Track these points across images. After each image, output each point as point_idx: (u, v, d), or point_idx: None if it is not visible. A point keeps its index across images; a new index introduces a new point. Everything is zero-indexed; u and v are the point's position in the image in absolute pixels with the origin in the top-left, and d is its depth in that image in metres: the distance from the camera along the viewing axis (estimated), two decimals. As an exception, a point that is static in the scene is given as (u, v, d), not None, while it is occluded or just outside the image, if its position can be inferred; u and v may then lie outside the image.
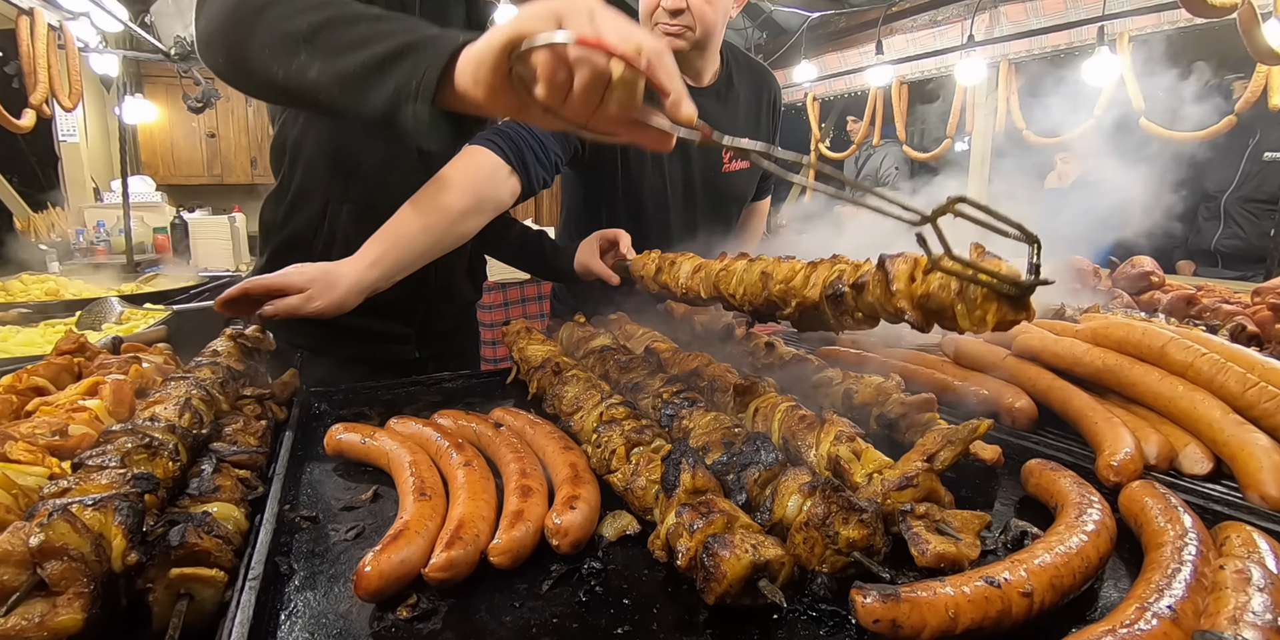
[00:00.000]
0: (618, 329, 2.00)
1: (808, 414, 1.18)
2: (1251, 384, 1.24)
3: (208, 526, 1.00)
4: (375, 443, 1.35)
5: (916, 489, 0.94)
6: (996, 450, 1.21)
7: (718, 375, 1.46)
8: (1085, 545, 0.87)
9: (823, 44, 6.09)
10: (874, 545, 0.88)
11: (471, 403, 1.76)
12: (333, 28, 1.06)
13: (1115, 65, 3.84)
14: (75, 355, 1.71)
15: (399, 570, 0.92)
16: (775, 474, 1.01)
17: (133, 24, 4.15)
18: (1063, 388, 1.39)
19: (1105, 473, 1.13)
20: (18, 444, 1.10)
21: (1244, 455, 1.14)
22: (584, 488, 1.09)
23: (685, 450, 1.01)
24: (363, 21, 1.07)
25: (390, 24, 1.06)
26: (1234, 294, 2.85)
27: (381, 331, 2.00)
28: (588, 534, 1.02)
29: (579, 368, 1.55)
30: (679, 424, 1.24)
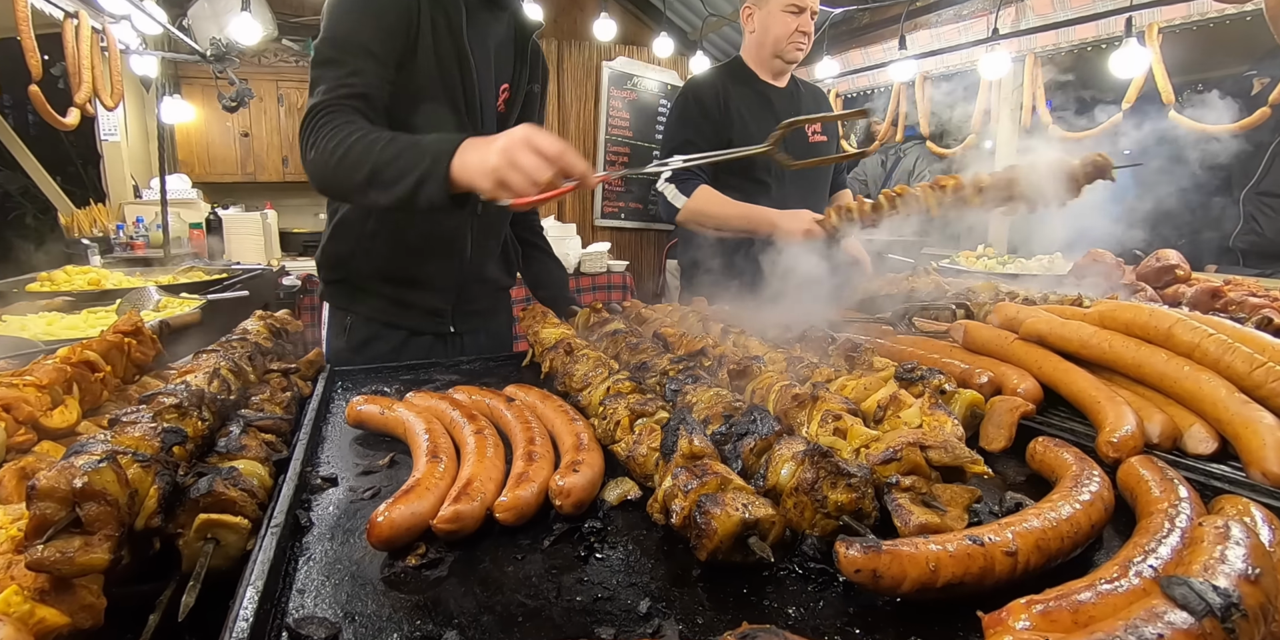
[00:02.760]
0: (632, 315, 2.04)
1: (801, 392, 1.20)
2: (1258, 364, 1.24)
3: (234, 479, 1.07)
4: (393, 413, 1.41)
5: (901, 463, 0.96)
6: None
7: (722, 355, 1.49)
8: (1077, 513, 0.88)
9: (846, 40, 6.06)
10: (863, 509, 0.91)
11: (488, 382, 1.81)
12: (375, 176, 1.63)
13: (1144, 57, 3.78)
14: (130, 337, 1.79)
15: (409, 521, 0.97)
16: (771, 443, 1.04)
17: (171, 27, 4.31)
18: (1068, 370, 1.40)
19: (1105, 449, 1.14)
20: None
21: (1248, 432, 1.14)
22: (588, 454, 1.13)
23: (684, 418, 1.05)
24: (391, 164, 1.61)
25: (407, 156, 1.60)
26: (1264, 289, 2.79)
27: (420, 304, 2.15)
28: (590, 496, 1.06)
29: (590, 348, 1.59)
30: (683, 399, 1.28)
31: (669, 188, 2.77)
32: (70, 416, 1.39)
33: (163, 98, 4.84)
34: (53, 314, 2.88)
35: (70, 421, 1.38)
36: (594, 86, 6.71)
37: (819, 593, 0.84)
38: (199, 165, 6.45)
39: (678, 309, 2.06)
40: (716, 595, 0.84)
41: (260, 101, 6.39)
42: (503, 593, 0.87)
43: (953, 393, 1.31)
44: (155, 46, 5.44)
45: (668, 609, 0.81)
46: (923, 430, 1.04)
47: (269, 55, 6.64)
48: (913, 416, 1.12)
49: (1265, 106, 3.47)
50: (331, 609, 0.86)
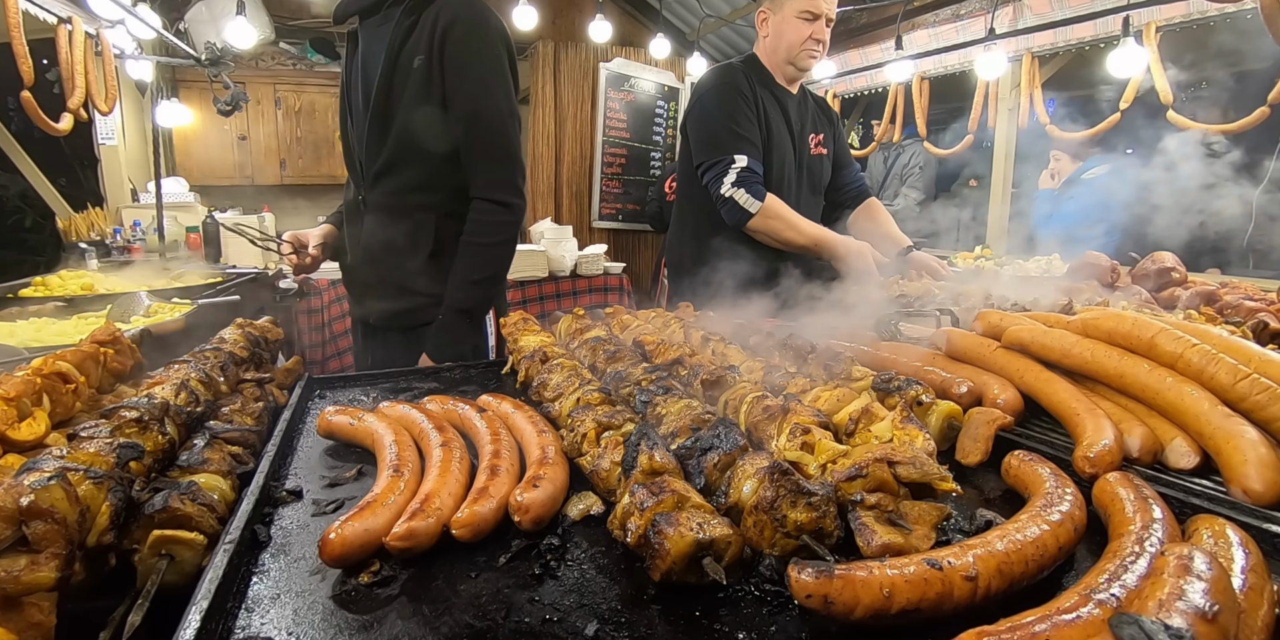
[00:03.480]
0: (614, 321, 2.02)
1: (772, 404, 1.18)
2: (1243, 376, 1.20)
3: (192, 494, 1.06)
4: (362, 424, 1.40)
5: (867, 479, 0.93)
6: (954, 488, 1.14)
7: (699, 364, 1.47)
8: (1044, 534, 0.86)
9: (844, 41, 6.03)
10: (824, 529, 0.89)
11: (466, 391, 1.80)
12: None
13: (1141, 57, 3.73)
14: (107, 346, 1.78)
15: (362, 539, 0.96)
16: (735, 458, 1.02)
17: (165, 31, 4.31)
18: (1049, 380, 1.37)
19: (1081, 464, 1.11)
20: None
21: (1229, 448, 1.11)
22: (550, 468, 1.11)
23: (645, 433, 1.03)
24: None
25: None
26: (1261, 292, 2.75)
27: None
28: (550, 512, 1.04)
29: (565, 357, 1.57)
30: (653, 410, 1.25)
31: (738, 192, 2.63)
32: (39, 429, 1.37)
33: (158, 102, 4.84)
34: (42, 320, 2.88)
35: (39, 434, 1.36)
36: (591, 88, 6.70)
37: (773, 616, 0.82)
38: (197, 169, 6.47)
39: (660, 315, 2.04)
40: (669, 617, 0.82)
41: (258, 105, 6.41)
42: (451, 613, 0.85)
43: (930, 404, 1.28)
44: (152, 51, 5.46)
45: (615, 632, 0.79)
46: (892, 445, 1.02)
47: (266, 58, 6.66)
48: (884, 430, 1.10)
49: (1264, 106, 3.43)
50: (277, 628, 0.84)
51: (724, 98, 2.71)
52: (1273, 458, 1.07)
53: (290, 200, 6.65)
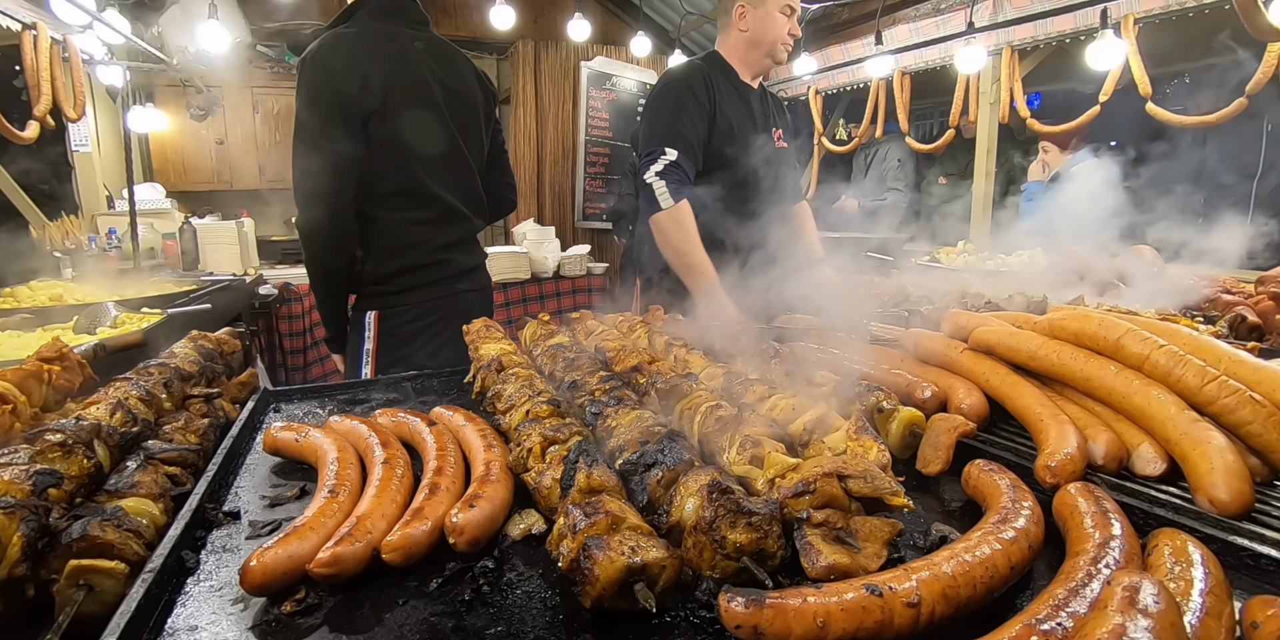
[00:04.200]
0: (579, 326, 1.97)
1: (725, 414, 1.14)
2: (1211, 378, 1.16)
3: (117, 520, 1.02)
4: (307, 440, 1.35)
5: (815, 496, 0.89)
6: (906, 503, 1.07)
7: (657, 372, 1.42)
8: (995, 554, 0.81)
9: (825, 37, 5.98)
10: (766, 549, 0.85)
11: (426, 401, 1.75)
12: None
13: (1120, 49, 3.70)
14: (53, 363, 1.72)
15: (285, 566, 0.91)
16: (679, 474, 0.97)
17: (135, 36, 4.24)
18: (1014, 383, 1.33)
19: (1042, 474, 1.07)
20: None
21: (1195, 455, 1.07)
22: (491, 486, 1.07)
23: (584, 449, 0.98)
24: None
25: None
26: (1240, 285, 2.73)
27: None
28: (486, 533, 1.00)
29: (521, 366, 1.52)
30: (603, 422, 1.21)
31: (659, 183, 2.60)
32: (-31, 451, 1.32)
33: (128, 107, 4.77)
34: (5, 333, 2.81)
35: (-31, 456, 1.31)
36: (572, 87, 6.64)
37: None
38: (174, 174, 6.38)
39: (628, 319, 2.00)
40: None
41: (235, 108, 6.33)
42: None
43: (891, 411, 1.24)
44: (128, 56, 5.38)
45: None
46: (844, 457, 0.97)
47: (243, 62, 6.57)
48: (838, 441, 1.06)
49: (1242, 98, 3.40)
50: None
51: (676, 95, 2.72)
52: (1240, 466, 1.03)
53: (270, 204, 6.58)
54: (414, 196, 2.39)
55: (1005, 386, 1.33)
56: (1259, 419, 1.09)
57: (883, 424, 1.24)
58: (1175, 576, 0.77)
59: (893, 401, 1.25)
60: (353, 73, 2.22)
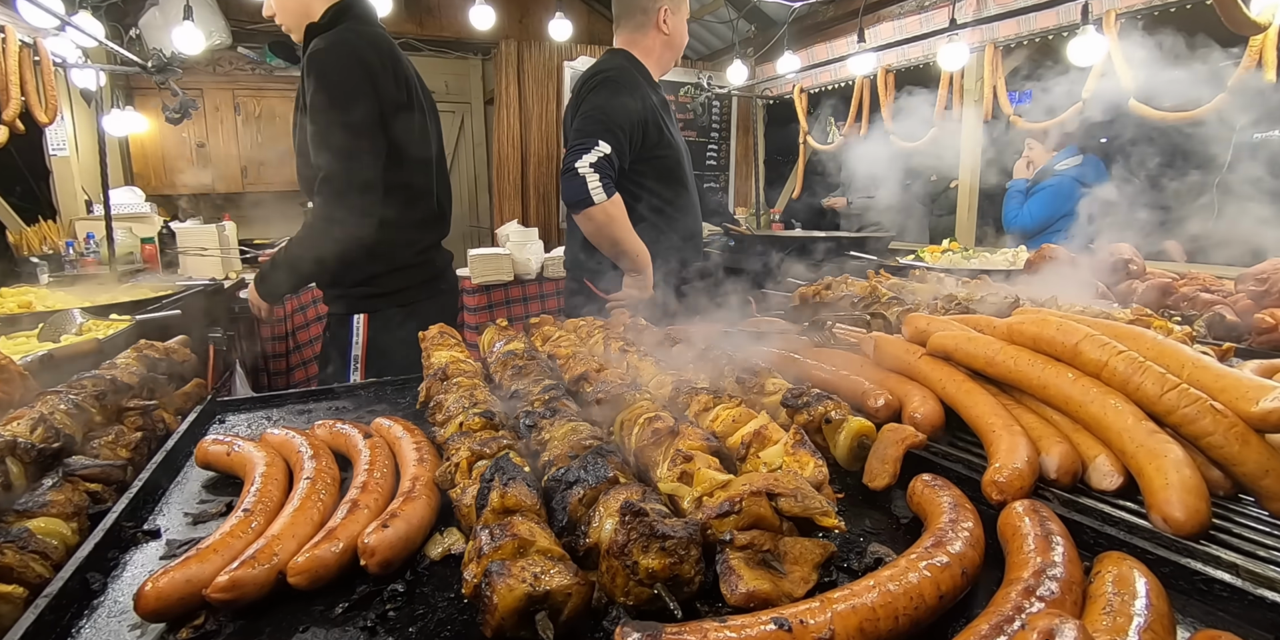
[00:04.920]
0: (537, 332, 1.93)
1: (661, 426, 1.09)
2: (1171, 386, 1.10)
3: (20, 542, 0.98)
4: (238, 453, 1.30)
5: (741, 516, 0.84)
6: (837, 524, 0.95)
7: (604, 381, 1.37)
8: (923, 582, 0.76)
9: (811, 35, 5.94)
10: (681, 576, 0.80)
11: (376, 411, 1.70)
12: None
13: (1102, 45, 3.65)
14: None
15: (183, 591, 0.87)
16: (600, 492, 0.92)
17: (109, 40, 4.18)
18: (969, 391, 1.28)
19: (989, 490, 1.02)
20: None
21: (1151, 469, 1.01)
22: (411, 504, 1.02)
23: (500, 466, 0.93)
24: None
25: None
26: (1219, 283, 2.68)
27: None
28: (400, 554, 0.95)
29: (465, 375, 1.48)
30: (537, 435, 1.16)
31: (594, 177, 2.60)
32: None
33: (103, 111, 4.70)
34: (-33, 341, 2.76)
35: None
36: (556, 87, 6.58)
37: (613, 678, 0.73)
38: (155, 177, 6.32)
39: (588, 324, 1.95)
40: (498, 682, 0.73)
41: (217, 111, 6.27)
42: (259, 680, 0.75)
43: (840, 421, 1.19)
44: (105, 59, 5.32)
45: (428, 704, 0.70)
46: (777, 474, 0.93)
47: (224, 63, 6.51)
48: (774, 456, 1.01)
49: (1224, 93, 3.36)
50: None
51: (613, 87, 2.76)
52: (1197, 482, 0.98)
53: (253, 208, 6.52)
54: (409, 196, 2.38)
55: (961, 394, 1.28)
56: (1220, 430, 1.03)
57: (831, 435, 1.19)
58: (1114, 609, 0.72)
59: (842, 411, 1.21)
60: (385, 66, 2.23)
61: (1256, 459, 1.01)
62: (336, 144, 2.13)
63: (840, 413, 1.20)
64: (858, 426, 1.17)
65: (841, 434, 1.17)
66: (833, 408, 1.20)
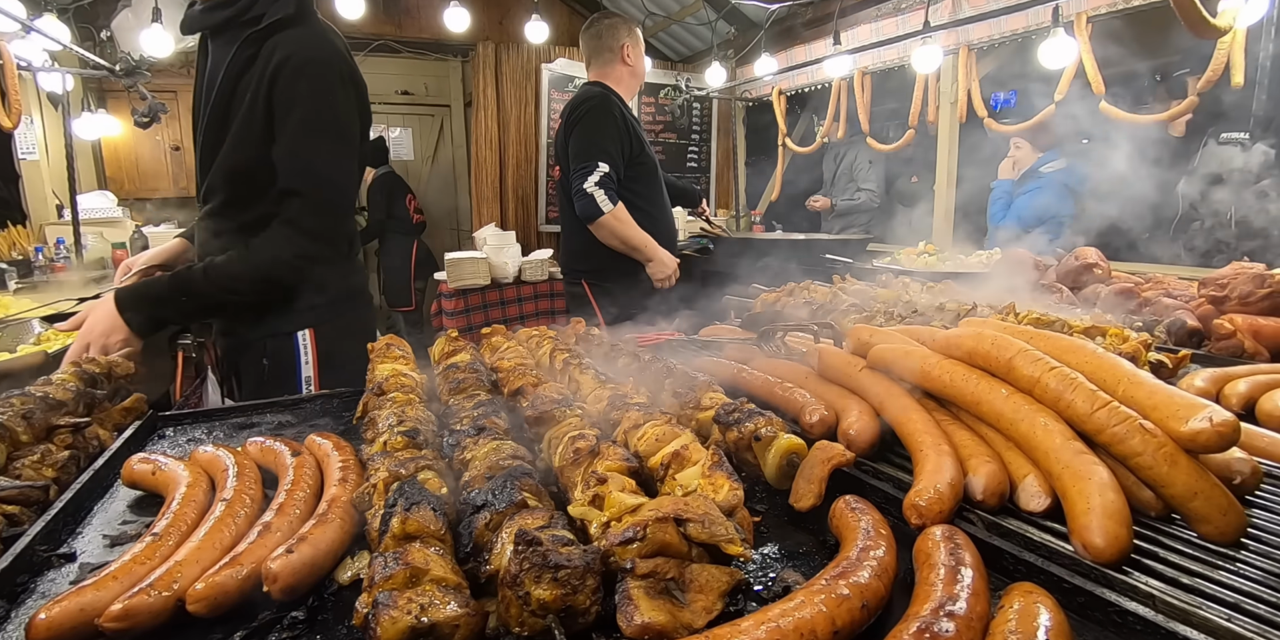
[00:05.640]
0: (486, 343, 1.91)
1: (583, 446, 1.07)
2: (1101, 404, 1.07)
3: None
4: (164, 472, 1.27)
5: (645, 543, 0.82)
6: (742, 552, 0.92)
7: (540, 396, 1.35)
8: (816, 617, 0.73)
9: (789, 38, 5.93)
10: (575, 606, 0.78)
11: (317, 426, 1.68)
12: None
13: (1072, 48, 3.66)
14: None
15: (76, 619, 0.85)
16: (506, 517, 0.91)
17: (73, 44, 4.12)
18: (904, 407, 1.26)
19: (908, 513, 1.00)
20: None
21: (1074, 492, 0.98)
22: (321, 528, 1.00)
23: (404, 490, 0.91)
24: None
25: None
26: (1183, 284, 2.68)
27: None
28: (304, 579, 0.93)
29: (404, 389, 1.45)
30: (460, 455, 1.14)
31: (599, 191, 3.23)
32: None
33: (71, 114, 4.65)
34: (-80, 352, 2.71)
35: None
36: (534, 90, 6.55)
37: (497, 715, 0.71)
38: (129, 181, 6.25)
39: (540, 334, 1.93)
40: (380, 720, 0.71)
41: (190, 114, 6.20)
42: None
43: (770, 438, 1.17)
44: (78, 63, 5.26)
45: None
46: (688, 498, 0.91)
47: (200, 66, 6.45)
48: (691, 477, 0.99)
49: (1193, 97, 3.37)
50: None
51: (601, 115, 3.32)
52: (1120, 506, 0.94)
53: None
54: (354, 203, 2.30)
55: (896, 410, 1.27)
56: (1149, 450, 1.00)
57: (761, 452, 1.18)
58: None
59: (774, 428, 1.19)
60: (356, 69, 2.08)
61: (1185, 480, 0.98)
62: (326, 161, 1.97)
63: (772, 430, 1.18)
64: (787, 444, 1.16)
65: (771, 452, 1.16)
66: (764, 425, 1.19)
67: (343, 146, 2.01)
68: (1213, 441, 0.95)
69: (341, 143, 2.01)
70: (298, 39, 1.93)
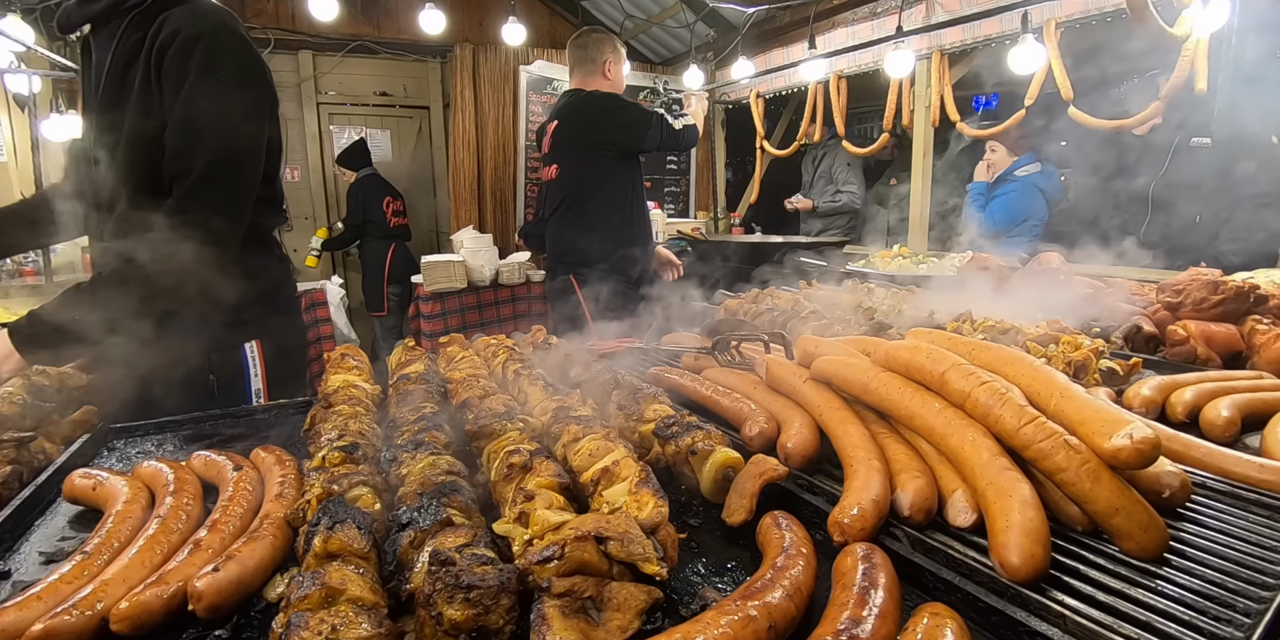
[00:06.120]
0: (443, 352, 1.91)
1: (517, 461, 1.08)
2: (1029, 419, 1.07)
3: None
4: (104, 487, 1.27)
5: (563, 562, 0.83)
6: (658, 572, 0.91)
7: (484, 409, 1.36)
8: (719, 638, 0.75)
9: (768, 40, 5.95)
10: (488, 626, 0.79)
11: (267, 438, 1.67)
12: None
13: (1040, 54, 3.70)
14: None
15: (-4, 641, 0.84)
16: (429, 535, 0.91)
17: (37, 44, 4.08)
18: (842, 420, 1.28)
19: (832, 530, 1.00)
20: None
21: (995, 509, 0.98)
22: (251, 545, 1.00)
23: (328, 508, 0.92)
24: None
25: None
26: (1142, 288, 2.72)
27: None
28: (231, 597, 0.93)
29: (350, 402, 1.46)
30: (396, 470, 1.15)
31: (679, 122, 3.67)
32: None
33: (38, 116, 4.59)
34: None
35: None
36: (512, 92, 6.54)
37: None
38: (103, 183, 6.17)
39: (498, 343, 1.93)
40: (286, 743, 0.72)
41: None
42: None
43: (706, 452, 1.19)
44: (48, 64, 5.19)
45: None
46: (610, 516, 0.92)
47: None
48: (618, 494, 1.00)
49: (1157, 101, 3.42)
50: None
51: (619, 99, 3.71)
52: (1038, 525, 0.94)
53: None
54: (274, 201, 2.12)
55: (834, 422, 1.28)
56: (1073, 466, 0.99)
57: (697, 466, 1.19)
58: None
59: (711, 441, 1.20)
60: (255, 48, 1.95)
61: (1107, 497, 0.98)
62: (229, 137, 1.84)
63: (709, 443, 1.20)
64: (722, 459, 1.17)
65: (706, 466, 1.17)
66: (701, 438, 1.20)
67: (241, 122, 1.88)
68: (1133, 458, 0.96)
69: (240, 118, 1.88)
70: (186, 13, 1.83)
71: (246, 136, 1.90)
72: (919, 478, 1.12)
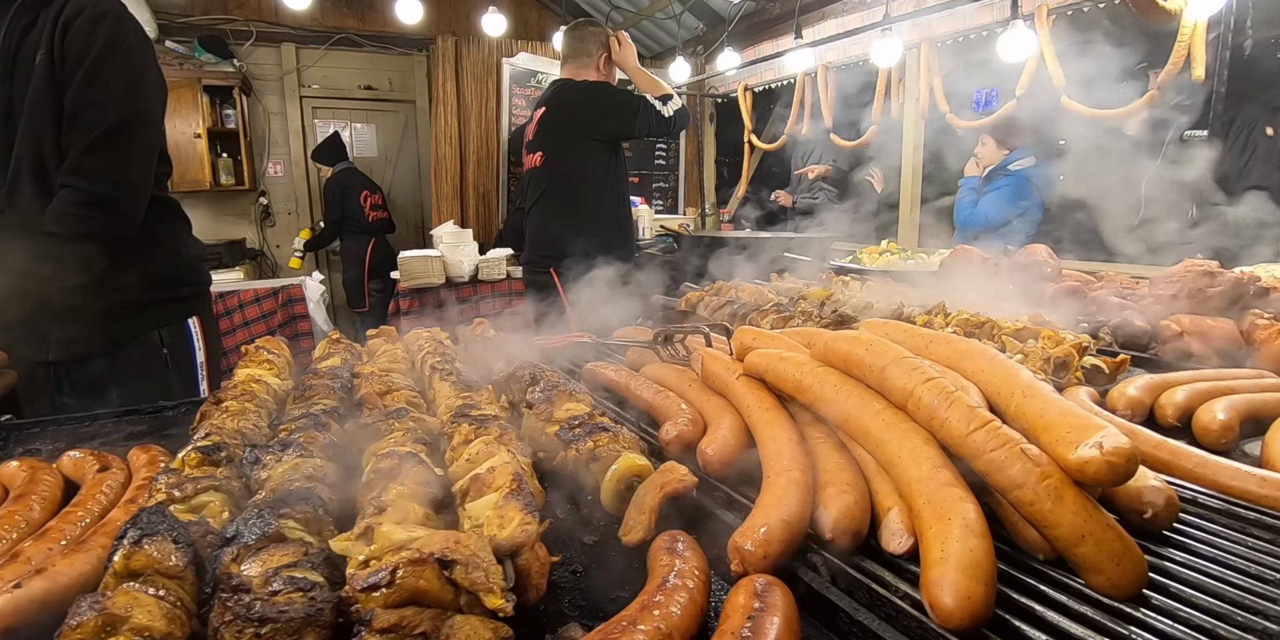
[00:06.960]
0: (368, 346, 1.78)
1: (387, 466, 0.95)
2: (980, 424, 0.89)
3: None
4: (-44, 493, 1.15)
5: (394, 590, 0.70)
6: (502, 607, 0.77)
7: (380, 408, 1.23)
8: None
9: (756, 32, 5.82)
10: (286, 662, 0.66)
11: (169, 435, 1.55)
12: None
13: (1032, 41, 3.56)
14: None
15: None
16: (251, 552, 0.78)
17: None
18: (770, 422, 1.13)
19: (731, 557, 0.86)
20: None
21: (930, 534, 0.80)
22: (68, 558, 0.87)
23: (138, 520, 0.79)
24: None
25: None
26: (1134, 283, 2.58)
27: None
28: (31, 618, 0.80)
29: (241, 398, 1.33)
30: (258, 473, 1.02)
31: (668, 108, 3.51)
32: None
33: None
34: None
35: None
36: (495, 84, 6.41)
37: None
38: (80, 177, 6.08)
39: (431, 336, 1.80)
40: None
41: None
42: None
43: (609, 459, 1.05)
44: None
45: None
46: (462, 535, 0.78)
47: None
48: (482, 508, 0.87)
49: (1153, 91, 3.27)
50: None
51: (610, 88, 3.61)
52: (980, 557, 0.76)
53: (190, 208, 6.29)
54: (168, 178, 2.22)
55: (761, 425, 1.14)
56: (1030, 482, 0.81)
57: (598, 475, 1.06)
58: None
59: (616, 446, 1.07)
60: (147, 34, 2.02)
61: (1071, 521, 0.80)
62: (137, 94, 1.89)
63: (613, 448, 1.06)
64: (625, 467, 1.03)
65: (607, 475, 1.03)
66: (605, 442, 1.07)
67: (146, 88, 1.93)
68: (1102, 473, 0.78)
69: (145, 85, 1.93)
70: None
71: (152, 99, 1.96)
72: (846, 493, 0.95)
